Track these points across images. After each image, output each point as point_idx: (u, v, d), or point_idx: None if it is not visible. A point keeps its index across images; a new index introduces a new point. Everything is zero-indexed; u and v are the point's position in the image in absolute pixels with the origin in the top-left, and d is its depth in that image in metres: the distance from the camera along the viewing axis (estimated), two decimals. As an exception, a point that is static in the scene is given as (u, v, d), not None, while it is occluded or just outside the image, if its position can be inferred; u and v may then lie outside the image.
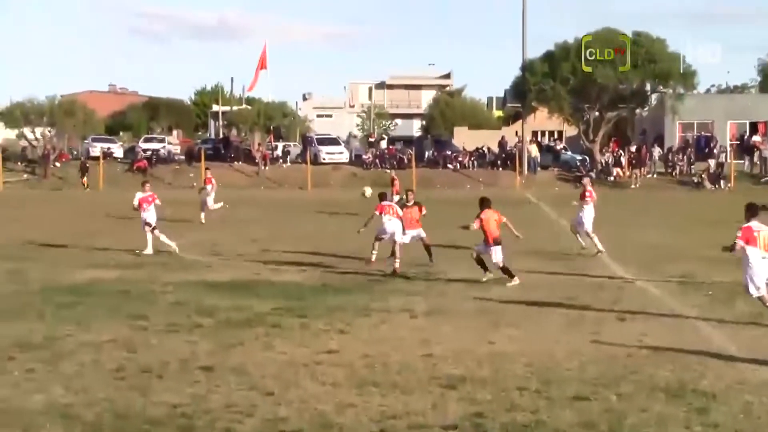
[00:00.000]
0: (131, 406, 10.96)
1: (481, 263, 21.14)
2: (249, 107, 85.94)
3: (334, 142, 74.44)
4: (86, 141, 77.80)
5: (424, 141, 79.88)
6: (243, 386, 11.81)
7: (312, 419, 10.48)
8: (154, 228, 26.86)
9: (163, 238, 26.65)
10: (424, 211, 24.70)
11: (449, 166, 68.66)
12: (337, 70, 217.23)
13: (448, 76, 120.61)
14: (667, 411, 10.77)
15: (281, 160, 72.73)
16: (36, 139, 72.74)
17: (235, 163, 71.00)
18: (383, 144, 76.73)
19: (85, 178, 65.31)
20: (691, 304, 17.07)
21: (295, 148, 77.03)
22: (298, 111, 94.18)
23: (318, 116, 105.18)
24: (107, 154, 71.99)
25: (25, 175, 69.51)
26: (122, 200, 44.89)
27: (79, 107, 76.16)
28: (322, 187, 61.89)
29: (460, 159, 69.49)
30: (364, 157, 71.74)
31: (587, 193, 27.20)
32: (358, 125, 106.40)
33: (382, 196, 24.69)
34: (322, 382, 12.07)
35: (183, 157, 75.81)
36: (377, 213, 23.58)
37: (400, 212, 23.83)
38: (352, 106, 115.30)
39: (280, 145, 76.55)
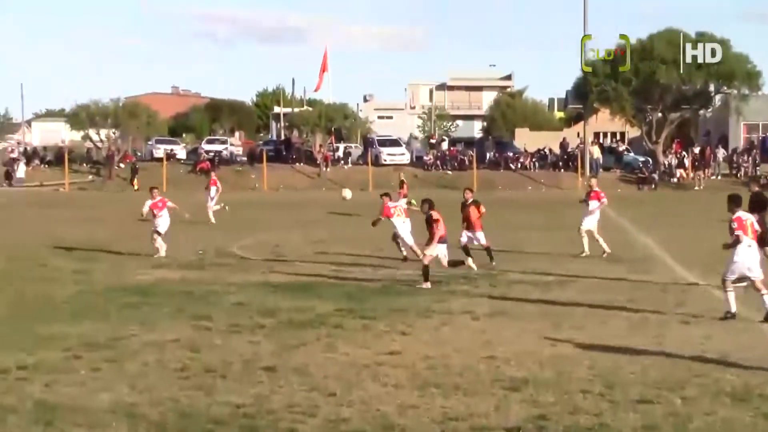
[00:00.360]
0: (195, 405, 11.05)
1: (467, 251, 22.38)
2: (310, 109, 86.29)
3: (395, 143, 74.50)
4: (149, 143, 78.63)
5: (485, 142, 79.78)
6: (305, 387, 11.86)
7: (374, 420, 10.50)
8: (158, 233, 26.60)
9: (159, 242, 26.55)
10: (483, 210, 24.57)
11: (510, 167, 68.48)
12: (398, 71, 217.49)
13: (509, 77, 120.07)
14: (732, 415, 10.64)
15: (342, 162, 72.93)
16: (101, 140, 73.58)
17: (297, 164, 71.36)
18: (444, 145, 76.63)
19: (135, 180, 66.02)
20: (757, 307, 16.84)
21: (356, 150, 77.20)
22: (359, 112, 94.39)
23: (379, 117, 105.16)
24: (170, 156, 72.67)
25: (90, 177, 70.40)
26: (185, 201, 45.33)
27: (142, 109, 76.95)
28: (384, 188, 61.81)
29: (521, 160, 69.29)
30: (425, 158, 71.76)
31: (593, 194, 26.85)
32: (418, 126, 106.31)
33: (387, 197, 25.40)
34: (384, 383, 12.08)
35: (245, 159, 76.30)
36: (382, 217, 23.90)
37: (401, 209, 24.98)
38: (413, 108, 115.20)
39: (341, 146, 76.76)
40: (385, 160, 70.21)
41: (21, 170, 69.35)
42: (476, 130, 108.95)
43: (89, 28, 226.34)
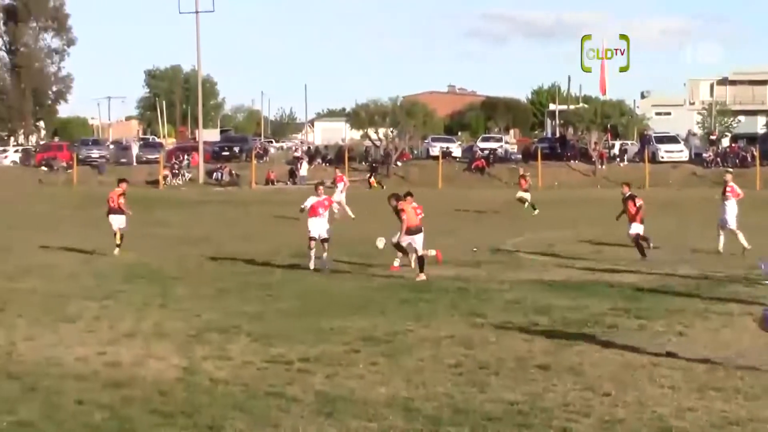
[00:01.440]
0: (469, 401, 11.17)
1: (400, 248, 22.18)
2: (586, 106, 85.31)
3: (673, 140, 72.70)
4: (426, 141, 79.85)
5: (769, 139, 76.56)
6: (579, 386, 11.78)
7: (650, 422, 10.31)
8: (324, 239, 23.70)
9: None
10: (638, 203, 25.48)
11: (798, 164, 65.43)
12: (676, 66, 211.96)
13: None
14: None
15: (618, 159, 71.82)
16: (379, 139, 75.30)
17: (572, 162, 70.78)
18: (725, 142, 74.07)
19: (373, 178, 67.17)
20: None
21: (633, 147, 75.83)
22: (635, 109, 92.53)
23: (656, 114, 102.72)
24: (446, 154, 73.60)
25: (368, 174, 72.12)
26: (462, 198, 45.86)
27: (419, 108, 78.20)
28: (661, 186, 60.48)
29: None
30: (704, 155, 69.62)
31: (729, 189, 26.33)
32: (698, 123, 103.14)
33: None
34: (661, 385, 11.83)
35: (520, 156, 76.35)
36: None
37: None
38: (692, 103, 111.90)
39: (617, 143, 75.57)
40: (662, 158, 68.63)
41: (304, 168, 71.90)
42: (760, 125, 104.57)
43: (368, 29, 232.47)
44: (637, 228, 25.23)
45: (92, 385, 11.97)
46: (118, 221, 27.36)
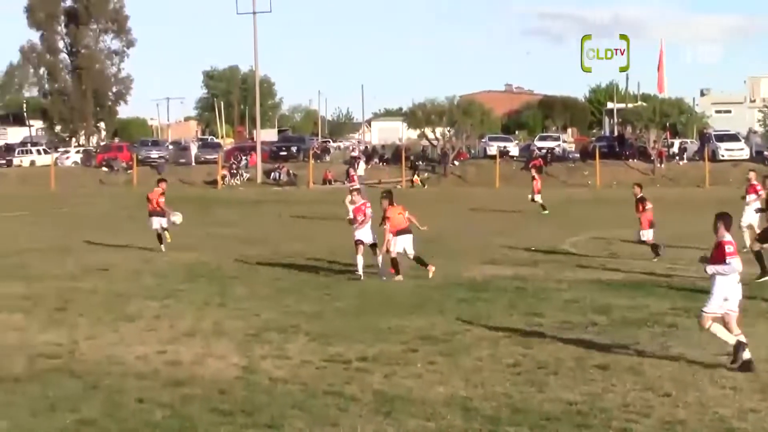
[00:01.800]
0: (528, 401, 11.14)
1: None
2: (644, 104, 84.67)
3: (733, 138, 71.98)
4: (483, 140, 79.76)
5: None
6: (639, 386, 11.70)
7: (711, 423, 10.23)
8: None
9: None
10: (647, 206, 25.55)
11: None
12: (737, 64, 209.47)
13: None
14: None
15: (677, 158, 71.22)
16: (436, 138, 75.32)
17: (630, 160, 70.31)
18: (786, 139, 73.26)
19: (417, 177, 67.12)
20: None
21: (692, 145, 75.17)
22: (695, 107, 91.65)
23: (716, 112, 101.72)
24: (503, 153, 73.45)
25: (426, 174, 72.17)
26: (519, 198, 45.73)
27: (476, 107, 78.22)
28: (721, 184, 59.89)
29: None
30: (765, 153, 68.80)
31: (750, 187, 26.41)
32: (759, 120, 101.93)
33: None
34: (722, 386, 11.72)
35: (577, 155, 75.98)
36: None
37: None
38: (753, 101, 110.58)
39: (677, 141, 74.93)
40: (722, 156, 68.02)
41: (361, 168, 72.04)
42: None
43: (425, 29, 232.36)
44: (646, 234, 25.24)
45: (153, 383, 12.09)
46: (159, 222, 27.77)
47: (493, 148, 74.34)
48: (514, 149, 78.27)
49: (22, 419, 10.59)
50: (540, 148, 74.20)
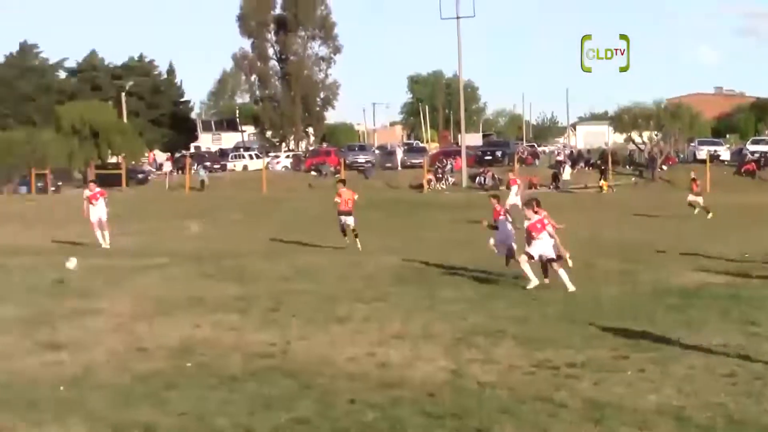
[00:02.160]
0: (745, 412, 10.80)
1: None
2: None
3: None
4: (692, 144, 77.93)
5: None
6: None
7: None
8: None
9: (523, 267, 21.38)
10: None
11: None
12: None
13: None
14: None
15: None
16: (643, 142, 74.04)
17: None
18: None
19: (604, 182, 65.82)
20: None
21: None
22: None
23: None
24: (713, 157, 71.52)
25: (633, 179, 71.01)
26: (731, 204, 44.49)
27: (685, 110, 76.60)
28: None
29: None
30: None
31: None
32: None
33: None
34: None
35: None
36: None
37: None
38: None
39: None
40: None
41: (566, 173, 71.49)
42: None
43: (630, 32, 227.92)
44: None
45: (363, 385, 12.29)
46: (350, 221, 29.52)
47: (702, 153, 72.49)
48: (725, 153, 76.11)
49: (240, 417, 10.93)
50: (753, 153, 71.88)
